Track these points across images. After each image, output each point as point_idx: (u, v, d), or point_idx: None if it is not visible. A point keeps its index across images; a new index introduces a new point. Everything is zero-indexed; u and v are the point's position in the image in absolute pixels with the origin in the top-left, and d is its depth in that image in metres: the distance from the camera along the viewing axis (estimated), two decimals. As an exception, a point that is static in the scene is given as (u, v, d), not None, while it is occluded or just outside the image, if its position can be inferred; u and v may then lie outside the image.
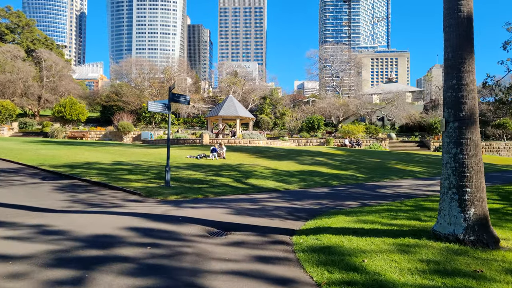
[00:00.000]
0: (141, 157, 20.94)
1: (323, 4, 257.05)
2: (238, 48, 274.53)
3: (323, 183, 15.25)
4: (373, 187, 14.39)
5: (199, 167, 17.66)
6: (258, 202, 10.02)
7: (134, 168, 16.86)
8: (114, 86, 77.36)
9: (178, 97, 13.31)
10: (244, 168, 17.78)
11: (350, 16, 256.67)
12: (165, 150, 24.86)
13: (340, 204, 9.98)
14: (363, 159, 24.86)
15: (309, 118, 46.84)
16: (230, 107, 44.71)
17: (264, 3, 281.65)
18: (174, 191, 11.73)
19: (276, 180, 15.02)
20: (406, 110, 65.50)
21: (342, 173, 18.36)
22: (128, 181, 13.38)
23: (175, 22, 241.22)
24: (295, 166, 19.81)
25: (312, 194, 12.01)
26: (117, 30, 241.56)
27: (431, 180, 17.52)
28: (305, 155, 25.05)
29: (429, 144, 41.58)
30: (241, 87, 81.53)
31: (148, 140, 41.83)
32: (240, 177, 15.36)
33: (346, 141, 41.98)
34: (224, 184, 13.65)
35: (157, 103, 12.81)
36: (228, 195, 11.69)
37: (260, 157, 22.37)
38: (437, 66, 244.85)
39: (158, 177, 14.56)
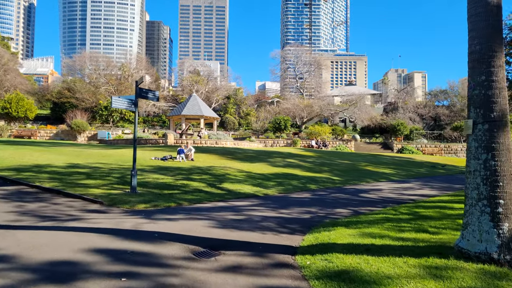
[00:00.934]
0: (99, 159, 19.08)
1: (285, 6, 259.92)
2: (199, 47, 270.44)
3: (302, 187, 14.46)
4: (354, 191, 13.79)
5: (166, 170, 16.24)
6: (242, 212, 8.95)
7: (93, 171, 15.13)
8: (66, 82, 72.63)
9: (146, 93, 11.93)
10: (216, 171, 16.59)
11: (311, 19, 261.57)
12: (126, 151, 23.04)
13: (331, 212, 9.16)
14: (334, 161, 24.51)
15: (276, 119, 46.32)
16: (194, 106, 43.18)
17: (226, 2, 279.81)
18: (142, 199, 10.36)
19: (252, 184, 14.01)
20: (368, 112, 67.12)
21: (318, 176, 17.72)
22: (87, 187, 11.78)
23: (133, 17, 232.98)
24: (268, 168, 18.92)
25: (296, 201, 11.13)
26: (70, 24, 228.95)
27: (406, 183, 17.33)
28: (276, 156, 24.27)
29: (393, 146, 42.49)
30: (205, 86, 79.75)
31: (106, 140, 39.19)
32: (214, 181, 14.17)
33: (313, 142, 41.87)
34: (197, 189, 12.42)
35: (122, 99, 11.36)
36: (204, 202, 10.51)
37: (230, 159, 21.25)
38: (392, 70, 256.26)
39: (122, 182, 13.03)
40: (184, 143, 26.20)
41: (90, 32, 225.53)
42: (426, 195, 12.86)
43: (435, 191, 14.12)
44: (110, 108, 45.21)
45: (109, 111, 45.73)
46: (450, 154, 41.77)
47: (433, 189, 14.65)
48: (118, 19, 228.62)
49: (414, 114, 69.13)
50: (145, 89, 11.94)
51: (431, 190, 14.46)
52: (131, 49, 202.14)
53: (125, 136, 40.21)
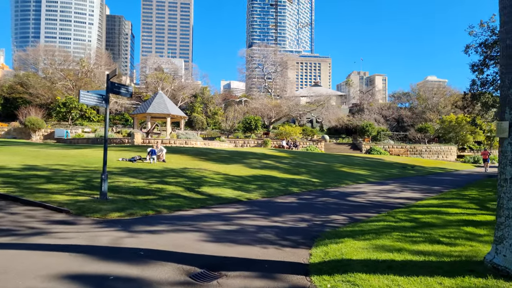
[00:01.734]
0: (59, 160, 17.41)
1: (251, 6, 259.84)
2: (162, 43, 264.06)
3: (284, 190, 13.80)
4: (339, 194, 13.33)
5: (137, 173, 14.99)
6: (232, 220, 8.10)
7: (53, 174, 13.62)
8: (19, 76, 67.66)
9: (119, 88, 10.74)
10: (192, 174, 15.56)
11: (277, 19, 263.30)
12: (90, 151, 21.36)
13: (327, 219, 8.53)
14: (309, 162, 24.15)
15: (246, 118, 45.56)
16: (160, 104, 41.48)
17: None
18: (115, 206, 9.22)
19: (232, 188, 13.15)
20: (335, 113, 68.05)
21: (297, 178, 17.16)
22: (49, 193, 10.42)
23: (92, 10, 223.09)
24: (245, 170, 18.12)
25: (284, 206, 10.42)
26: (22, 15, 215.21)
27: (385, 185, 17.17)
28: (251, 157, 23.52)
29: (361, 147, 43.09)
30: (170, 83, 77.48)
31: (64, 139, 36.62)
32: (191, 184, 13.17)
33: (284, 142, 41.54)
34: (175, 194, 11.39)
35: (92, 94, 10.10)
36: (186, 209, 9.54)
37: (204, 160, 20.23)
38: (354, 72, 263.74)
39: (89, 187, 11.72)
40: (153, 143, 24.81)
41: (45, 24, 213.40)
42: (411, 198, 12.62)
43: (418, 193, 13.97)
44: (69, 104, 42.32)
45: (67, 108, 42.78)
46: (415, 155, 43.02)
47: (415, 192, 14.52)
48: (76, 12, 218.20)
49: (378, 115, 70.94)
50: (118, 83, 10.76)
51: (414, 192, 14.31)
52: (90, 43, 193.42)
53: (86, 135, 37.81)
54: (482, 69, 24.22)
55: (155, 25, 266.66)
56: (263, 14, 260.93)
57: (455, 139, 48.05)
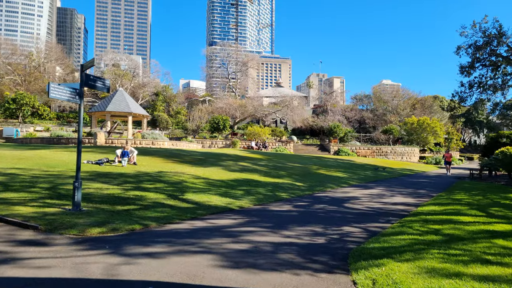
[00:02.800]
0: (14, 163, 15.32)
1: (211, 4, 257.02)
2: (118, 39, 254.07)
3: (272, 195, 12.88)
4: (332, 200, 12.63)
5: (108, 177, 13.41)
6: (238, 236, 7.03)
7: (10, 180, 11.75)
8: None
9: (95, 81, 9.26)
10: (170, 178, 14.20)
11: (238, 19, 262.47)
12: (48, 152, 19.19)
13: (340, 232, 7.71)
14: (286, 164, 23.44)
15: (214, 118, 44.15)
16: (120, 102, 39.04)
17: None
18: (93, 220, 7.83)
19: (219, 194, 12.03)
20: (301, 114, 68.23)
21: (280, 182, 16.32)
22: (8, 204, 8.76)
23: (41, 2, 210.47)
24: (225, 173, 16.99)
25: (285, 216, 9.49)
26: None
27: (370, 188, 16.77)
28: (226, 159, 22.37)
29: (329, 148, 43.23)
30: (130, 81, 74.09)
31: (14, 139, 33.33)
32: (173, 191, 11.87)
33: (253, 143, 40.67)
34: (158, 203, 10.09)
35: (64, 87, 8.57)
36: (176, 221, 8.32)
37: (178, 163, 18.83)
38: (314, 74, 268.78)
39: (55, 196, 10.10)
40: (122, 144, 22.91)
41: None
42: (407, 203, 12.20)
43: (409, 198, 13.62)
44: (19, 100, 38.62)
45: (18, 104, 39.02)
46: (381, 156, 43.88)
47: (405, 196, 14.19)
48: (23, 3, 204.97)
49: (342, 117, 72.19)
50: (93, 76, 9.26)
51: (405, 197, 13.95)
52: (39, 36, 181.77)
53: (39, 134, 34.65)
54: (470, 71, 24.70)
55: (110, 20, 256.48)
56: (223, 13, 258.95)
57: (416, 140, 49.73)
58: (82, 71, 8.87)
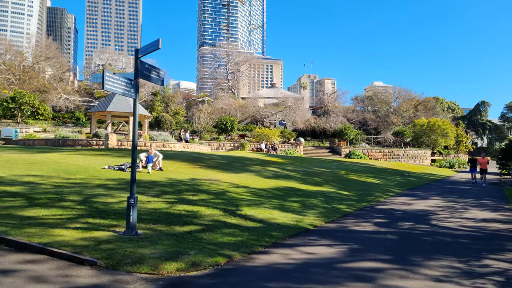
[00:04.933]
0: (27, 169, 13.51)
1: (202, 5, 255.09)
2: (109, 39, 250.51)
3: (332, 208, 11.33)
4: (410, 216, 11.08)
5: (140, 187, 11.70)
6: (374, 281, 5.42)
7: (31, 191, 10.01)
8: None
9: (150, 70, 7.55)
10: (209, 187, 12.55)
11: (229, 20, 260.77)
12: (60, 156, 17.33)
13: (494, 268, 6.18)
14: (312, 169, 21.91)
15: (222, 119, 42.42)
16: (121, 102, 37.09)
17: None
18: (160, 249, 6.18)
19: (276, 208, 10.44)
20: (303, 115, 66.87)
21: (324, 190, 14.78)
22: (44, 225, 7.05)
23: (32, 1, 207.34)
24: (260, 180, 15.39)
25: (386, 241, 7.89)
26: None
27: (425, 199, 15.27)
28: (251, 163, 20.76)
29: (340, 151, 41.85)
30: (129, 80, 71.84)
31: (13, 140, 31.21)
32: (224, 204, 10.24)
33: (263, 145, 39.09)
34: (218, 221, 8.46)
35: (119, 78, 6.87)
36: (259, 250, 6.69)
37: (204, 168, 17.16)
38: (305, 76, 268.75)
39: (95, 212, 8.41)
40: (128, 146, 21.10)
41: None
42: (498, 219, 10.73)
43: (488, 211, 12.10)
44: (18, 99, 36.38)
45: (17, 103, 36.76)
46: (394, 159, 42.68)
47: (480, 209, 12.69)
48: (13, 2, 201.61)
49: (343, 118, 70.99)
50: (149, 65, 7.56)
51: (482, 210, 12.44)
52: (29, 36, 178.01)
53: (41, 135, 32.56)
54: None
55: (100, 20, 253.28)
56: (214, 14, 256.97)
57: (425, 143, 48.67)
58: (137, 57, 7.17)
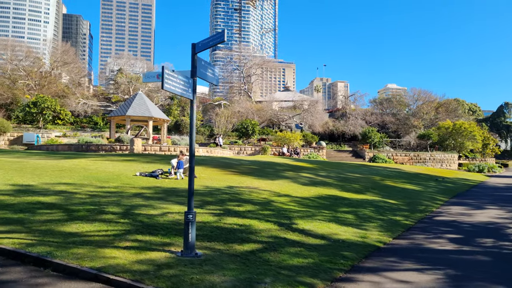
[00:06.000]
0: (57, 176, 12.87)
1: (214, 9, 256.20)
2: (123, 45, 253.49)
3: (389, 221, 10.32)
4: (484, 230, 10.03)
5: (178, 196, 10.93)
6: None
7: (67, 201, 9.30)
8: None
9: (206, 68, 6.68)
10: (250, 196, 11.68)
11: (241, 24, 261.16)
12: (86, 162, 16.70)
13: None
14: (346, 174, 20.86)
15: (243, 123, 41.67)
16: (140, 106, 36.69)
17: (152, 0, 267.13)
18: (231, 277, 5.31)
19: (332, 221, 9.49)
20: (321, 118, 65.62)
21: (370, 199, 13.75)
22: (91, 244, 6.27)
23: (48, 9, 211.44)
24: (299, 188, 14.46)
25: (478, 264, 6.89)
26: None
27: (480, 208, 14.09)
28: (282, 169, 19.84)
29: (364, 155, 40.59)
30: (145, 84, 71.90)
31: (35, 145, 30.97)
32: (275, 216, 9.34)
33: (284, 149, 38.13)
34: (277, 237, 7.56)
35: (177, 76, 6.01)
36: (339, 276, 5.77)
37: (237, 174, 16.31)
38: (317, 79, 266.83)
39: (141, 226, 7.61)
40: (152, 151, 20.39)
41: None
42: None
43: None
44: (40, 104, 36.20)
45: (39, 108, 36.60)
46: (420, 163, 41.18)
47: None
48: (30, 10, 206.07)
49: (362, 121, 69.47)
50: (205, 62, 6.70)
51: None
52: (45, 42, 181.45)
53: (62, 140, 32.28)
54: None
55: (115, 26, 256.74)
56: (226, 18, 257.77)
57: (450, 146, 46.99)
58: (195, 53, 6.32)
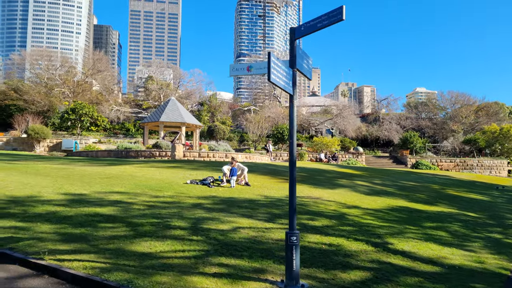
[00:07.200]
0: (107, 184, 12.16)
1: (239, 17, 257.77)
2: (150, 53, 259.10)
3: (492, 239, 8.86)
4: None
5: (240, 207, 9.93)
6: None
7: (125, 212, 8.46)
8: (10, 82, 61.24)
9: (303, 58, 5.55)
10: (318, 208, 10.49)
11: (265, 31, 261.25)
12: (132, 169, 16.01)
13: None
14: (401, 182, 19.30)
15: (278, 128, 40.64)
16: (173, 112, 36.32)
17: (178, 9, 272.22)
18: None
19: (428, 240, 8.16)
20: (354, 123, 63.56)
21: (446, 211, 12.25)
22: (170, 268, 5.28)
23: (80, 20, 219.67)
24: (365, 198, 13.14)
25: None
26: (9, 24, 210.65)
27: None
28: (333, 177, 18.54)
29: (406, 161, 38.50)
30: (175, 90, 72.29)
31: (73, 152, 30.99)
32: (360, 233, 8.11)
33: (322, 155, 36.69)
34: (380, 261, 6.35)
35: (281, 67, 4.96)
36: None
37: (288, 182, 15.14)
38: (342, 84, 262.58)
39: (215, 243, 6.59)
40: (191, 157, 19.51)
41: (32, 33, 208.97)
42: None
43: None
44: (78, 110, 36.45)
45: (77, 114, 36.86)
46: (467, 169, 38.65)
47: None
48: (63, 21, 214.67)
49: (397, 125, 66.82)
50: (302, 50, 5.60)
51: None
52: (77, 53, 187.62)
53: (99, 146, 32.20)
54: None
55: (142, 35, 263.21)
56: (251, 25, 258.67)
57: (497, 152, 44.03)
58: (294, 39, 5.23)
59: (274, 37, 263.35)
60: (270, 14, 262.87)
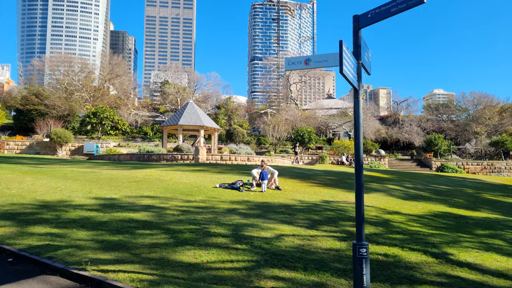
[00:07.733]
0: (137, 189, 11.84)
1: (253, 20, 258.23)
2: (165, 58, 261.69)
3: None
4: None
5: (276, 213, 9.44)
6: None
7: (160, 219, 8.08)
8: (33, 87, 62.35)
9: (364, 51, 5.05)
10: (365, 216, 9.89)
11: (279, 34, 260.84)
12: (158, 173, 15.69)
13: None
14: (433, 186, 18.47)
15: (299, 131, 40.07)
16: (192, 115, 36.07)
17: (193, 14, 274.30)
18: None
19: (489, 249, 7.51)
20: (373, 125, 62.36)
21: (492, 217, 11.50)
22: (223, 282, 4.85)
23: (97, 26, 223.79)
24: (402, 203, 12.47)
25: None
26: (29, 31, 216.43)
27: None
28: (366, 181, 17.76)
29: (431, 163, 37.32)
30: (192, 94, 72.45)
31: (95, 155, 31.07)
32: (414, 242, 7.53)
33: (344, 158, 35.92)
34: (446, 275, 5.77)
35: (350, 58, 4.47)
36: None
37: (322, 186, 14.60)
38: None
39: (263, 253, 6.13)
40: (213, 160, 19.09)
41: (51, 40, 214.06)
42: None
43: None
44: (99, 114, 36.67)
45: (98, 118, 37.12)
46: (494, 173, 37.24)
47: None
48: (81, 28, 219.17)
49: (418, 127, 65.24)
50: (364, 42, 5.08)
51: None
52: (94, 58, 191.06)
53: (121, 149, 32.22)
54: None
55: (158, 40, 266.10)
56: (265, 29, 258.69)
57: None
58: (358, 28, 4.74)
59: (288, 39, 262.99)
60: (284, 17, 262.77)
